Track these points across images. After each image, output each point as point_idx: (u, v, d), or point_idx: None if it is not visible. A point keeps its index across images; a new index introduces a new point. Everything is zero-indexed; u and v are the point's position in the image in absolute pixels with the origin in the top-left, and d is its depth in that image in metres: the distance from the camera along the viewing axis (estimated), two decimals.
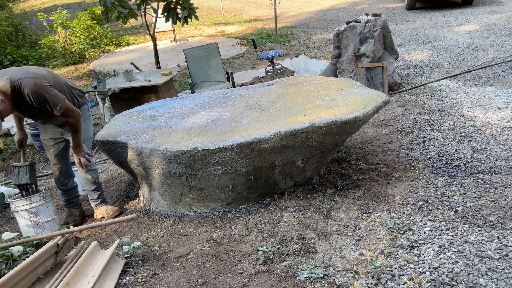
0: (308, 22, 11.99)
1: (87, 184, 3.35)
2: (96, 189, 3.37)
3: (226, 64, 8.39)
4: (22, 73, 2.77)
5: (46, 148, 3.31)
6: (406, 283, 2.06)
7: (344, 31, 5.56)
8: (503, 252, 2.22)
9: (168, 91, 5.55)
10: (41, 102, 2.80)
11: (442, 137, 3.85)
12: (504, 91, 4.81)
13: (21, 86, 2.72)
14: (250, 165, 2.89)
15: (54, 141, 3.25)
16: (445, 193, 2.90)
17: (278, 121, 2.99)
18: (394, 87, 5.48)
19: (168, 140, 3.03)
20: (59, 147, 3.27)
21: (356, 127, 2.96)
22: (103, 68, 9.07)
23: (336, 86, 3.63)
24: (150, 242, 2.79)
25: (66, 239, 2.47)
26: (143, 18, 6.89)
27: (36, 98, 2.77)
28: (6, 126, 6.15)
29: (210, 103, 3.73)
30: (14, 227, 3.42)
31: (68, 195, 3.42)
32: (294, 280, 2.19)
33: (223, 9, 14.93)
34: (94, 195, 3.38)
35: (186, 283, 2.28)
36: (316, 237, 2.54)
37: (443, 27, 8.81)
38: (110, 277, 2.33)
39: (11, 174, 4.74)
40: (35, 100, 2.78)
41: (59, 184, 3.39)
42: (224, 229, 2.80)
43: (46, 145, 3.29)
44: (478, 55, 6.50)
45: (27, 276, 2.18)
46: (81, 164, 3.16)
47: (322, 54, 8.04)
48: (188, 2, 6.29)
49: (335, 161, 3.63)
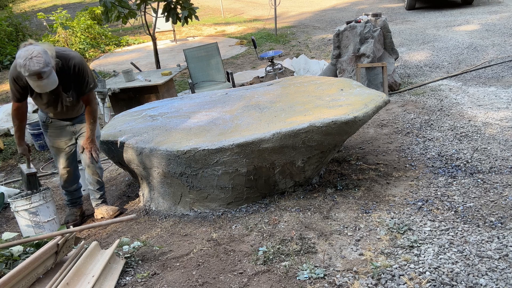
0: (308, 22, 11.99)
1: (91, 183, 3.34)
2: (99, 189, 3.37)
3: (226, 64, 8.39)
4: (63, 49, 2.95)
5: (58, 151, 3.28)
6: (406, 283, 2.06)
7: (344, 31, 5.56)
8: (503, 252, 2.22)
9: (168, 91, 5.55)
10: (79, 77, 2.94)
11: (442, 137, 3.85)
12: (504, 91, 4.81)
13: (68, 57, 2.87)
14: (250, 165, 2.89)
15: (66, 144, 3.27)
16: (445, 193, 2.90)
17: (278, 121, 2.99)
18: (394, 87, 5.48)
19: (168, 140, 3.03)
20: (71, 150, 3.31)
21: (356, 127, 2.96)
22: (103, 68, 9.07)
23: (336, 86, 3.63)
24: (150, 242, 2.79)
25: (66, 239, 2.47)
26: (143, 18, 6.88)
27: (78, 71, 2.91)
28: (6, 126, 6.15)
29: (210, 103, 3.73)
30: (14, 227, 3.41)
31: (72, 196, 3.42)
32: (294, 280, 2.19)
33: (223, 9, 14.93)
34: (96, 195, 3.38)
35: (186, 283, 2.28)
36: (316, 237, 2.54)
37: (443, 27, 8.81)
38: (110, 277, 2.33)
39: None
40: (77, 73, 2.91)
41: (66, 186, 3.38)
42: (224, 229, 2.80)
43: (58, 148, 3.27)
44: (478, 55, 6.50)
45: (27, 276, 2.18)
46: (92, 158, 3.18)
47: (322, 54, 8.04)
48: (188, 2, 6.29)
49: (335, 161, 3.63)
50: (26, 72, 2.63)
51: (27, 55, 2.62)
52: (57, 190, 4.06)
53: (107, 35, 11.63)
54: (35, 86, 2.72)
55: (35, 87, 2.73)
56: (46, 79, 2.68)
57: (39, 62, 2.63)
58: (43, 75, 2.66)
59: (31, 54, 2.63)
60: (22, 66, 2.62)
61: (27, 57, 2.62)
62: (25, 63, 2.61)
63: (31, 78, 2.66)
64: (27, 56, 2.62)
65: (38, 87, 2.72)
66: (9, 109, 6.51)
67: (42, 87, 2.72)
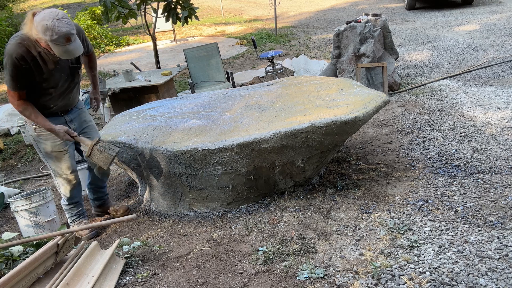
0: (308, 22, 11.99)
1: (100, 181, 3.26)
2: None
3: (226, 64, 8.39)
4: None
5: (59, 156, 2.89)
6: (406, 283, 2.06)
7: (344, 31, 5.56)
8: (503, 252, 2.22)
9: (168, 91, 5.55)
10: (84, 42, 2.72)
11: (442, 137, 3.85)
12: (504, 91, 4.81)
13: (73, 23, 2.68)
14: (250, 165, 2.89)
15: (65, 145, 2.89)
16: (445, 193, 2.90)
17: (278, 121, 2.99)
18: (394, 87, 5.48)
19: (168, 140, 3.03)
20: (72, 148, 2.99)
21: (356, 127, 2.96)
22: (103, 68, 9.06)
23: (336, 86, 3.63)
24: (150, 242, 2.79)
25: (66, 239, 2.48)
26: (143, 18, 6.89)
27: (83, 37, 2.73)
28: (6, 126, 6.15)
29: (210, 103, 3.73)
30: (14, 227, 3.41)
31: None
32: (294, 280, 2.19)
33: (223, 9, 14.93)
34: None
35: (186, 283, 2.28)
36: (316, 237, 2.54)
37: (443, 27, 8.81)
38: (110, 277, 2.33)
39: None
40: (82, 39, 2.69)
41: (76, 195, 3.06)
42: (224, 229, 2.80)
43: (59, 152, 2.88)
44: (478, 55, 6.50)
45: (27, 276, 2.18)
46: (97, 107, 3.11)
47: (322, 54, 8.04)
48: (188, 2, 6.29)
49: (335, 161, 3.63)
50: (55, 35, 2.34)
51: (53, 16, 2.35)
52: (57, 190, 4.04)
53: (107, 35, 11.63)
54: (62, 51, 2.42)
55: (61, 53, 2.43)
56: (74, 42, 2.44)
57: (68, 23, 2.38)
58: (72, 38, 2.41)
59: (57, 15, 2.36)
60: (50, 28, 2.33)
61: (54, 18, 2.34)
62: (53, 24, 2.32)
63: (59, 42, 2.37)
64: (53, 17, 2.34)
65: (66, 52, 2.44)
66: (9, 109, 6.52)
67: (70, 52, 2.45)
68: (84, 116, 3.05)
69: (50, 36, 2.35)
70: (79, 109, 3.03)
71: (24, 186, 4.35)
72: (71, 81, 2.82)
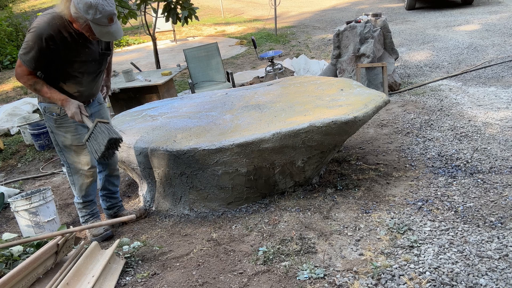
0: (308, 22, 12.00)
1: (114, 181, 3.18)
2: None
3: (226, 64, 8.39)
4: None
5: (78, 149, 2.72)
6: (406, 283, 2.06)
7: (344, 31, 5.56)
8: (503, 252, 2.22)
9: (168, 91, 5.56)
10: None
11: (442, 137, 3.85)
12: (504, 91, 4.81)
13: None
14: (250, 165, 2.90)
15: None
16: (445, 193, 2.90)
17: (278, 121, 2.99)
18: (394, 87, 5.48)
19: (168, 140, 3.03)
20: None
21: (356, 127, 2.96)
22: None
23: (336, 86, 3.63)
24: (150, 242, 2.79)
25: (66, 239, 2.48)
26: (143, 18, 6.88)
27: None
28: (6, 126, 6.15)
29: (210, 103, 3.73)
30: (14, 227, 3.41)
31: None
32: (294, 280, 2.19)
33: (223, 9, 14.93)
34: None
35: (186, 283, 2.28)
36: (316, 237, 2.54)
37: (443, 27, 8.81)
38: (110, 277, 2.33)
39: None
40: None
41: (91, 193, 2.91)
42: (224, 229, 2.80)
43: (78, 145, 2.71)
44: (478, 55, 6.50)
45: (27, 276, 2.18)
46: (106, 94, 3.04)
47: (322, 54, 8.04)
48: (188, 2, 6.29)
49: (335, 161, 3.63)
50: (98, 14, 2.23)
51: None
52: (57, 190, 4.06)
53: None
54: (104, 33, 2.31)
55: (103, 34, 2.32)
56: (116, 24, 2.33)
57: (112, 3, 2.27)
58: (114, 19, 2.30)
59: None
60: (94, 6, 2.21)
61: None
62: (97, 2, 2.21)
63: (101, 22, 2.26)
64: None
65: (108, 34, 2.33)
66: (9, 109, 6.52)
67: (112, 34, 2.34)
68: (103, 112, 2.93)
69: (93, 14, 2.23)
70: (99, 104, 2.90)
71: (24, 186, 4.35)
72: (98, 68, 2.68)
